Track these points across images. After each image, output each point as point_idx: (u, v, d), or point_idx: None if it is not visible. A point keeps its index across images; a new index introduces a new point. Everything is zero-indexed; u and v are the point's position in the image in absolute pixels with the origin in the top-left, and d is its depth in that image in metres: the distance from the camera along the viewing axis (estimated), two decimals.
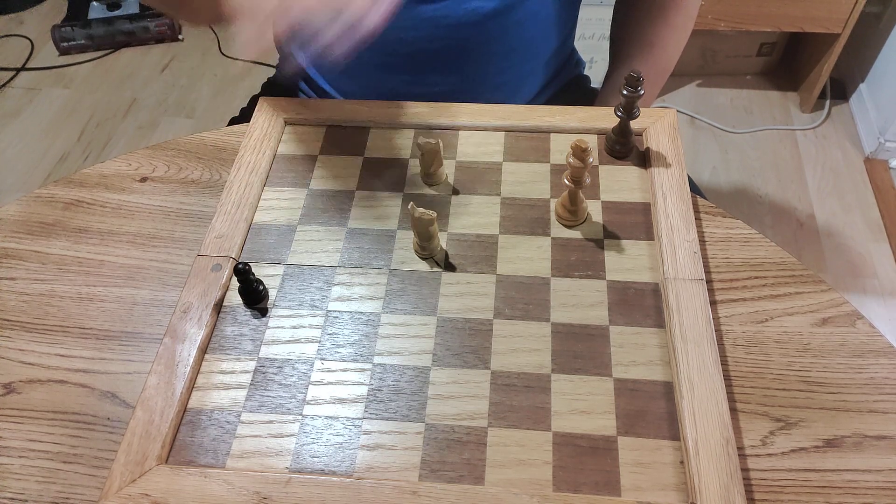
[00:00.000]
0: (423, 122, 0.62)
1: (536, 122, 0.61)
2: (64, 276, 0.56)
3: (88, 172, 0.64)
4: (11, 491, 0.45)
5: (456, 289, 0.51)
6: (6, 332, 0.53)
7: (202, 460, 0.44)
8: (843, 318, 0.51)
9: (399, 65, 0.72)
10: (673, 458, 0.43)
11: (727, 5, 1.55)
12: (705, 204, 0.58)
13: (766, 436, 0.45)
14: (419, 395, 0.46)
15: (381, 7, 0.47)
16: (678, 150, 0.58)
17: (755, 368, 0.49)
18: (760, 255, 0.55)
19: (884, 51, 1.62)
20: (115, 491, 0.42)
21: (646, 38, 0.76)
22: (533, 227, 0.55)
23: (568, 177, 0.51)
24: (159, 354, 0.48)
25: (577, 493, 0.41)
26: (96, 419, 0.48)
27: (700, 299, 0.49)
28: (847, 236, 1.50)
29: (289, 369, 0.48)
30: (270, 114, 0.63)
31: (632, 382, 0.46)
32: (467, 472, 0.43)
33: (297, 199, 0.58)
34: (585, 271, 0.52)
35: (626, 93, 0.53)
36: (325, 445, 0.44)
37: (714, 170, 1.65)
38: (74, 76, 1.94)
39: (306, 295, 0.52)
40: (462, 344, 0.48)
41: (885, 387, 0.48)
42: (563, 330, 0.49)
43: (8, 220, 0.61)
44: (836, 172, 1.63)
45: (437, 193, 0.58)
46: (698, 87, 1.85)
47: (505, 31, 0.70)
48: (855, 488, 0.43)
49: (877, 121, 1.63)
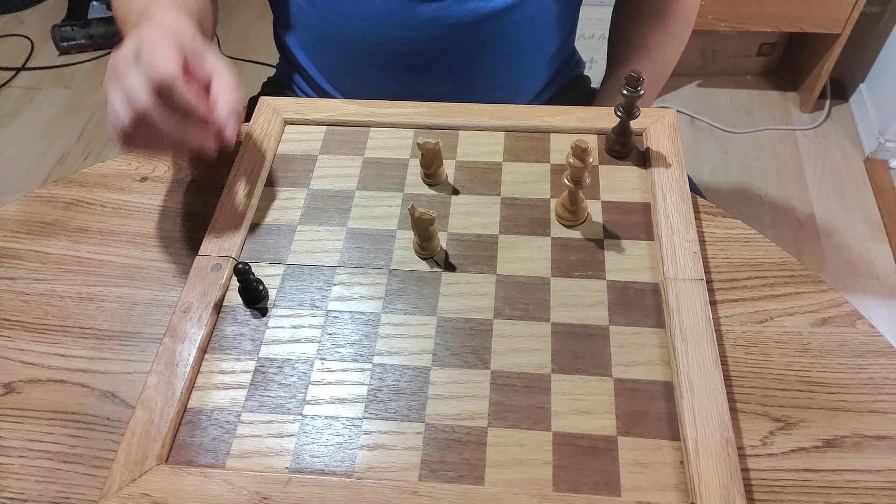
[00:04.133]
0: (423, 122, 0.62)
1: (536, 122, 0.61)
2: (64, 276, 0.56)
3: (88, 172, 0.64)
4: (11, 491, 0.45)
5: (456, 289, 0.51)
6: (6, 332, 0.53)
7: (202, 460, 0.44)
8: (842, 318, 0.51)
9: (399, 65, 0.72)
10: (673, 458, 0.43)
11: (727, 5, 1.55)
12: (705, 204, 0.58)
13: (766, 436, 0.45)
14: (419, 395, 0.46)
15: (222, 131, 0.50)
16: (678, 150, 0.58)
17: (755, 368, 0.49)
18: (760, 255, 0.55)
19: (884, 51, 1.62)
20: (115, 491, 0.42)
21: (644, 42, 0.76)
22: (533, 227, 0.55)
23: (568, 177, 0.51)
24: (159, 354, 0.48)
25: (577, 493, 0.41)
26: (96, 419, 0.48)
27: (700, 299, 0.49)
28: (847, 236, 1.50)
29: (289, 369, 0.48)
30: (270, 113, 0.63)
31: (632, 382, 0.46)
32: (467, 472, 0.43)
33: (297, 199, 0.58)
34: (585, 271, 0.52)
35: (626, 93, 0.53)
36: (325, 445, 0.44)
37: (714, 170, 1.65)
38: (74, 76, 1.94)
39: (306, 295, 0.52)
40: (462, 344, 0.48)
41: (885, 387, 0.48)
42: (563, 330, 0.49)
43: (8, 220, 0.61)
44: (836, 172, 1.63)
45: (437, 193, 0.58)
46: (698, 87, 1.85)
47: (505, 31, 0.70)
48: (855, 488, 0.43)
49: (877, 121, 1.63)
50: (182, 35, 0.50)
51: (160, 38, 0.48)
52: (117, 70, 0.48)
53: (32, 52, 2.00)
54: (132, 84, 0.46)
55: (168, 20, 0.53)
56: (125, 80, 0.47)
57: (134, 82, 0.46)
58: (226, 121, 0.49)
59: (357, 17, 0.68)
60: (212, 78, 0.50)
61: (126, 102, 0.47)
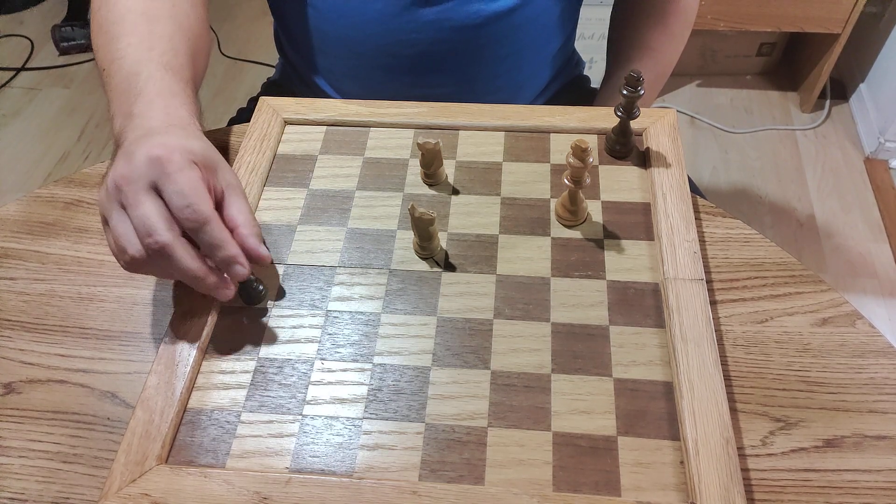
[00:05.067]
0: (423, 122, 0.62)
1: (536, 122, 0.61)
2: (64, 276, 0.56)
3: (88, 172, 0.64)
4: (11, 491, 0.45)
5: (456, 289, 0.51)
6: (6, 332, 0.53)
7: (202, 460, 0.44)
8: (843, 318, 0.51)
9: (401, 67, 0.72)
10: (673, 458, 0.43)
11: (727, 5, 1.55)
12: (705, 204, 0.58)
13: (766, 436, 0.45)
14: (419, 395, 0.46)
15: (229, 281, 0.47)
16: (678, 150, 0.58)
17: (755, 368, 0.49)
18: (760, 255, 0.55)
19: (884, 51, 1.62)
20: (115, 491, 0.42)
21: (644, 42, 0.76)
22: (533, 227, 0.55)
23: (568, 177, 0.51)
24: (159, 354, 0.48)
25: (577, 493, 0.41)
26: (96, 419, 0.48)
27: (700, 299, 0.49)
28: (847, 236, 1.50)
29: (289, 369, 0.48)
30: (270, 113, 0.63)
31: (632, 382, 0.46)
32: (467, 472, 0.43)
33: (297, 199, 0.58)
34: (585, 271, 0.52)
35: (626, 93, 0.53)
36: (325, 445, 0.44)
37: (714, 170, 1.65)
38: (74, 76, 1.94)
39: (306, 295, 0.52)
40: (462, 344, 0.48)
41: (885, 387, 0.48)
42: (563, 330, 0.49)
43: (8, 220, 0.61)
44: (836, 172, 1.63)
45: (437, 193, 0.58)
46: (698, 87, 1.85)
47: (506, 33, 0.70)
48: (855, 488, 0.43)
49: (877, 121, 1.63)
50: (195, 144, 0.46)
51: (181, 163, 0.44)
52: (123, 193, 0.43)
53: (32, 52, 2.00)
54: (149, 217, 0.43)
55: (169, 111, 0.49)
56: (138, 211, 0.43)
57: (151, 215, 0.43)
58: (258, 249, 0.46)
59: (359, 20, 0.68)
60: (225, 197, 0.47)
61: (137, 234, 0.43)
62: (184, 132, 0.48)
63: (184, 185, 0.43)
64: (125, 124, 0.49)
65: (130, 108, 0.49)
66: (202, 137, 0.49)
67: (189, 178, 0.44)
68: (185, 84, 0.53)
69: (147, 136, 0.46)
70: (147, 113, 0.48)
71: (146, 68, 0.52)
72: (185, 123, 0.49)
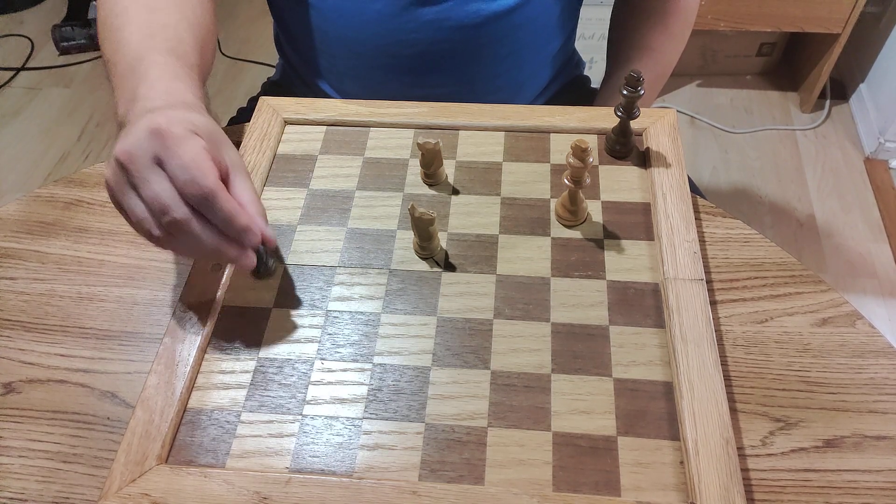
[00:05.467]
0: (423, 122, 0.62)
1: (536, 122, 0.61)
2: (64, 276, 0.56)
3: (88, 172, 0.64)
4: (11, 491, 0.45)
5: (456, 289, 0.51)
6: (6, 332, 0.53)
7: (202, 460, 0.44)
8: (842, 318, 0.51)
9: (401, 67, 0.72)
10: (673, 458, 0.43)
11: (727, 5, 1.55)
12: (705, 204, 0.58)
13: (766, 436, 0.45)
14: (419, 395, 0.46)
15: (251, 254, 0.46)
16: (678, 150, 0.58)
17: (755, 368, 0.49)
18: (760, 255, 0.55)
19: (884, 51, 1.62)
20: (115, 491, 0.42)
21: (644, 42, 0.76)
22: (533, 227, 0.55)
23: (568, 177, 0.51)
24: (159, 354, 0.48)
25: (577, 493, 0.41)
26: (96, 419, 0.48)
27: (700, 299, 0.49)
28: (847, 236, 1.50)
29: (289, 369, 0.48)
30: (270, 113, 0.63)
31: (632, 382, 0.46)
32: (467, 472, 0.43)
33: (297, 199, 0.58)
34: (585, 271, 0.52)
35: (626, 93, 0.53)
36: (325, 445, 0.44)
37: (714, 170, 1.65)
38: (74, 76, 1.94)
39: (306, 295, 0.52)
40: (462, 344, 0.48)
41: (885, 387, 0.48)
42: (563, 330, 0.49)
43: (8, 219, 0.61)
44: (836, 172, 1.63)
45: (437, 193, 0.58)
46: (698, 87, 1.85)
47: (506, 33, 0.70)
48: (855, 488, 0.43)
49: (877, 121, 1.63)
50: (197, 118, 0.45)
51: (182, 135, 0.43)
52: (129, 173, 0.43)
53: (32, 52, 2.00)
54: (159, 195, 0.42)
55: (172, 92, 0.48)
56: (147, 191, 0.42)
57: (160, 193, 0.42)
58: (264, 229, 0.46)
59: (358, 20, 0.68)
60: (230, 175, 0.47)
61: (153, 213, 0.43)
62: (187, 108, 0.47)
63: (185, 157, 0.42)
64: (129, 108, 0.48)
65: (134, 91, 0.48)
66: (207, 115, 0.48)
67: (190, 149, 0.42)
68: (189, 69, 0.52)
69: (150, 112, 0.45)
70: (150, 94, 0.47)
71: (149, 54, 0.51)
72: (189, 103, 0.48)
